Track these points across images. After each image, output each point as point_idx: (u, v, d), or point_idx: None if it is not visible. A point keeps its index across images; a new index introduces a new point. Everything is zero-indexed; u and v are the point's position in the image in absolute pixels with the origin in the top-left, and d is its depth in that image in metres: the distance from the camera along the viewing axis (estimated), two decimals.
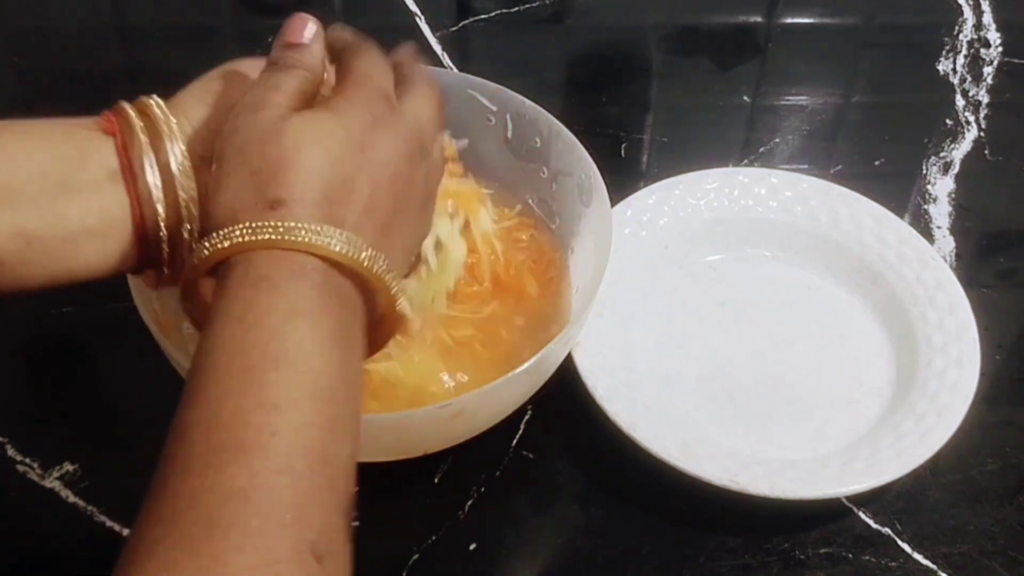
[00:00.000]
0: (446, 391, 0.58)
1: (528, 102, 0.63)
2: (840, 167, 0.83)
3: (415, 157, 0.43)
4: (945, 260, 0.71)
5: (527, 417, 0.63)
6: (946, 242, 0.76)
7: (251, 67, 0.46)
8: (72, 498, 0.59)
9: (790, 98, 0.89)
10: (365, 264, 0.38)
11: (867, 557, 0.59)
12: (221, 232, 0.38)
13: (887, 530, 0.60)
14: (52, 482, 0.60)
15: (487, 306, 0.61)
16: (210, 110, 0.45)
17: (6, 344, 0.67)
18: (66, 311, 0.68)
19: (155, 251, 0.44)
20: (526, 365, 0.51)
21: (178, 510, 0.31)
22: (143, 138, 0.42)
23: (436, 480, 0.60)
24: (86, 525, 0.58)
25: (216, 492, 0.31)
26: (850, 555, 0.59)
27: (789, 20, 0.98)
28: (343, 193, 0.39)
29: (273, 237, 0.37)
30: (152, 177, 0.42)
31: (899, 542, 0.59)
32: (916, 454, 0.58)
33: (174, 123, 0.43)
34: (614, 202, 0.69)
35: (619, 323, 0.65)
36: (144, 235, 0.43)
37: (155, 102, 0.44)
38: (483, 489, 0.60)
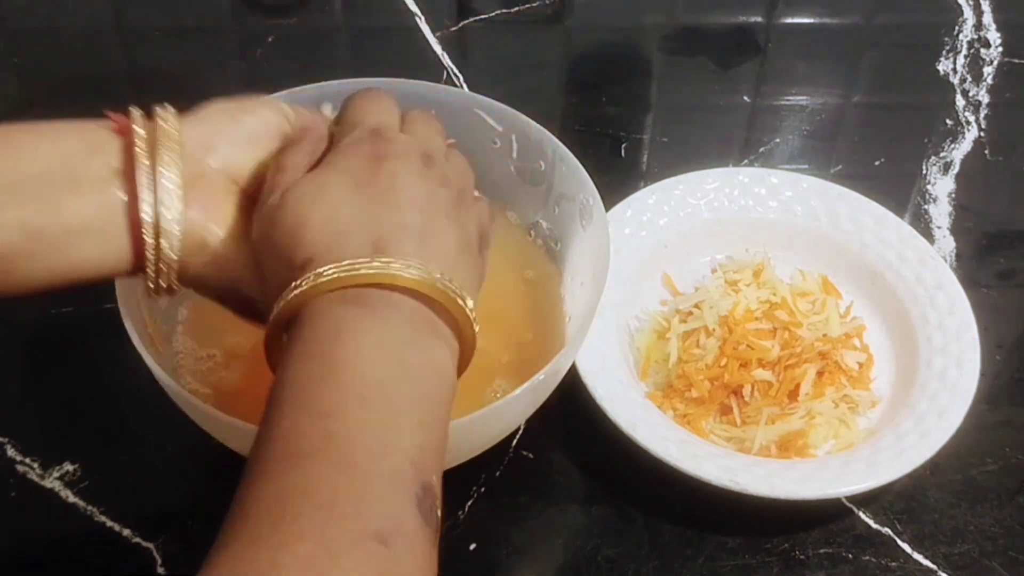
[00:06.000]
0: None
1: (534, 123, 0.62)
2: (840, 167, 0.83)
3: (423, 169, 0.44)
4: (945, 260, 0.71)
5: (527, 417, 0.63)
6: (946, 242, 0.76)
7: (272, 100, 0.48)
8: (72, 498, 0.59)
9: (790, 98, 0.89)
10: (411, 276, 0.40)
11: (867, 557, 0.59)
12: (277, 300, 0.40)
13: (887, 530, 0.60)
14: (52, 482, 0.60)
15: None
16: (242, 129, 0.46)
17: (6, 344, 0.67)
18: (66, 311, 0.68)
19: (143, 254, 0.44)
20: (505, 399, 0.50)
21: (246, 513, 0.34)
22: (143, 148, 0.43)
23: None
24: (86, 525, 0.58)
25: (279, 494, 0.34)
26: (850, 555, 0.59)
27: (789, 20, 0.98)
28: (364, 226, 0.41)
29: (305, 288, 0.39)
30: (143, 183, 0.42)
31: (899, 542, 0.59)
32: (916, 454, 0.58)
33: (176, 146, 0.43)
34: (614, 202, 0.70)
35: (619, 323, 0.65)
36: (140, 239, 0.43)
37: (165, 117, 0.44)
38: (483, 489, 0.60)
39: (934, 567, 0.58)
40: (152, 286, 0.44)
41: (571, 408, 0.61)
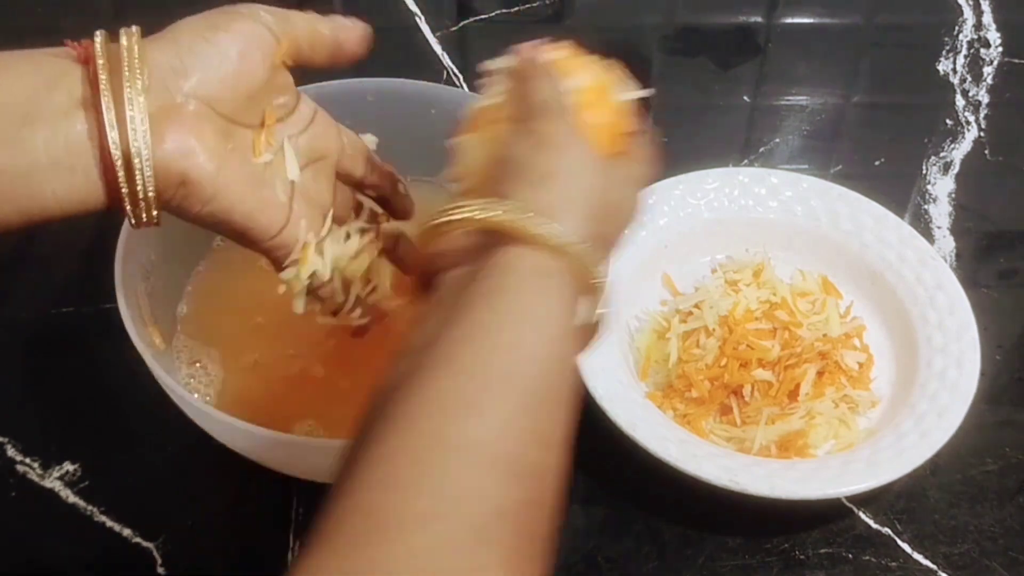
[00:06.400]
0: None
1: None
2: (840, 167, 0.83)
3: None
4: (945, 260, 0.71)
5: None
6: (946, 242, 0.76)
7: (250, 9, 0.45)
8: (72, 498, 0.59)
9: (790, 98, 0.89)
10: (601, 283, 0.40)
11: (867, 557, 0.59)
12: (506, 204, 0.38)
13: (887, 530, 0.60)
14: (52, 482, 0.60)
15: None
16: (215, 49, 0.43)
17: (6, 344, 0.67)
18: (66, 311, 0.68)
19: (118, 190, 0.41)
20: None
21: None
22: (106, 78, 0.40)
23: None
24: (86, 525, 0.58)
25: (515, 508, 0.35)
26: (850, 555, 0.59)
27: (789, 20, 0.97)
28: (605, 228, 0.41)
29: (559, 243, 0.37)
30: (110, 117, 0.40)
31: (899, 542, 0.59)
32: (916, 454, 0.58)
33: (142, 75, 0.41)
34: None
35: (619, 323, 0.65)
36: (111, 170, 0.40)
37: (129, 42, 0.42)
38: None
39: (934, 567, 0.58)
40: (132, 220, 0.42)
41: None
